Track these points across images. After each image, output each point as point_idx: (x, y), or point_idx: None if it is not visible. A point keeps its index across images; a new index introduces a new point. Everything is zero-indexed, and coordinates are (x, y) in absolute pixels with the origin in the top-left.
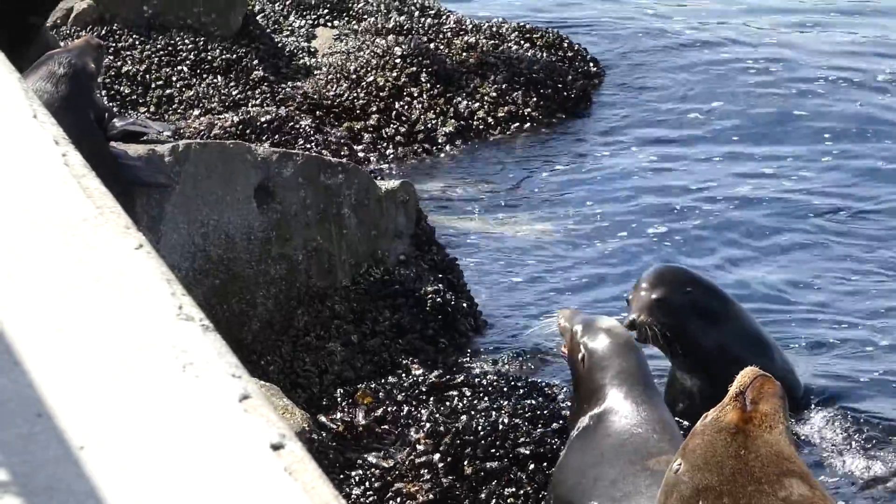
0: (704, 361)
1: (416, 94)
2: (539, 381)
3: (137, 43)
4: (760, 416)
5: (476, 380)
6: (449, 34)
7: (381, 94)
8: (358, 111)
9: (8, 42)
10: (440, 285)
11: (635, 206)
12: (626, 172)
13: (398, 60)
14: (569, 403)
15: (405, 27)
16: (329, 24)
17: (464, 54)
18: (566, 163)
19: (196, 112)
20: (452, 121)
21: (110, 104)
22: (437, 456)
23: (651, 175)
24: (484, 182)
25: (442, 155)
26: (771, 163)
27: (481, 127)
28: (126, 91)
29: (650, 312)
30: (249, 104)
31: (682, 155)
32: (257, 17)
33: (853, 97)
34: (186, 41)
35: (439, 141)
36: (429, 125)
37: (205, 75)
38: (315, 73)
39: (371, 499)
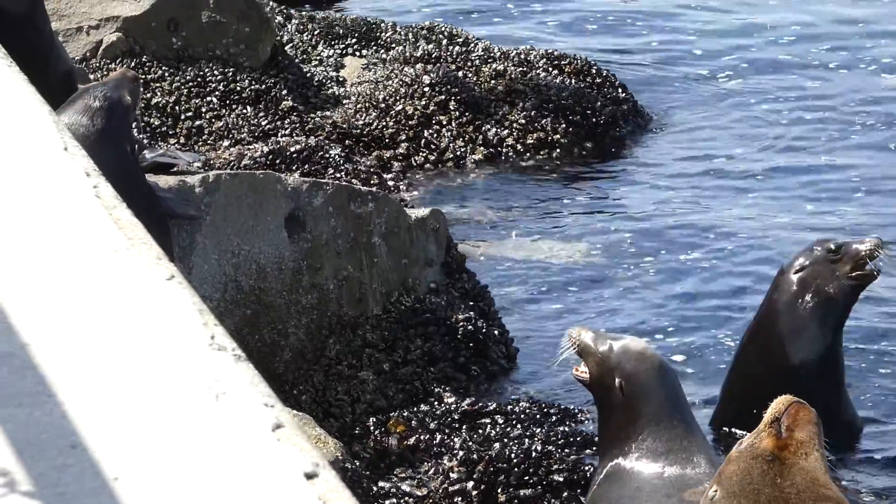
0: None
1: (444, 122)
2: (572, 407)
3: (167, 74)
4: (796, 443)
5: (508, 407)
6: (477, 62)
7: (409, 122)
8: (387, 140)
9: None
10: (471, 313)
11: (665, 233)
12: (655, 199)
13: (427, 89)
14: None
15: (433, 55)
16: (357, 53)
17: (492, 82)
18: (595, 189)
19: (226, 143)
20: (481, 148)
21: (140, 136)
22: (470, 484)
23: (681, 202)
24: (513, 208)
25: (471, 176)
26: (807, 190)
27: (510, 154)
28: (156, 123)
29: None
30: (279, 134)
31: (714, 181)
32: (286, 48)
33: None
34: (216, 72)
35: (468, 168)
36: (458, 153)
37: (234, 106)
38: (344, 102)
39: None
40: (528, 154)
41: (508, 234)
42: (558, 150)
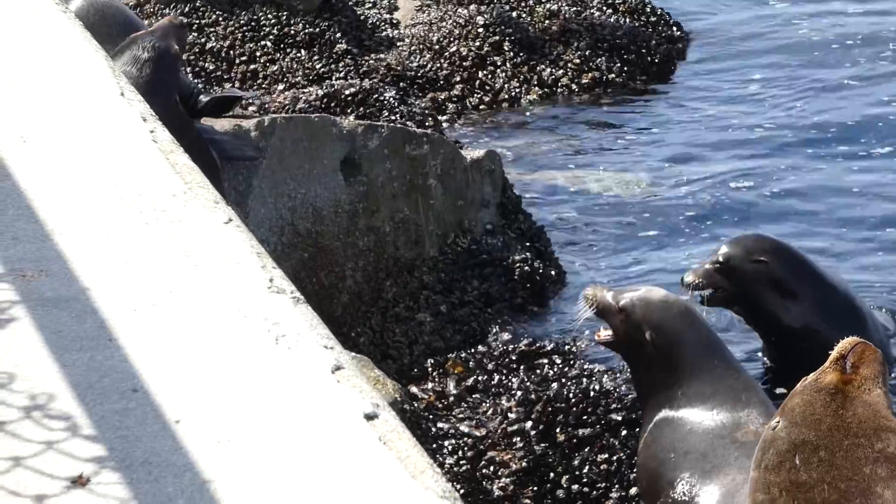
0: (786, 338)
1: (499, 63)
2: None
3: (221, 19)
4: (860, 378)
5: (566, 347)
6: (531, 2)
7: (464, 63)
8: (441, 82)
9: None
10: (528, 254)
11: (717, 168)
12: (708, 134)
13: (481, 30)
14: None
15: None
16: None
17: (546, 22)
18: (649, 124)
19: (280, 87)
20: (536, 89)
21: (195, 81)
22: (528, 424)
23: (734, 139)
24: (567, 140)
25: (526, 114)
26: (857, 134)
27: (565, 94)
28: (210, 67)
29: (706, 275)
30: (333, 77)
31: (768, 120)
32: None
33: None
34: (269, 16)
35: (523, 106)
36: (513, 94)
37: (288, 50)
38: (398, 44)
39: (464, 467)
40: (583, 94)
41: (561, 164)
42: (612, 88)
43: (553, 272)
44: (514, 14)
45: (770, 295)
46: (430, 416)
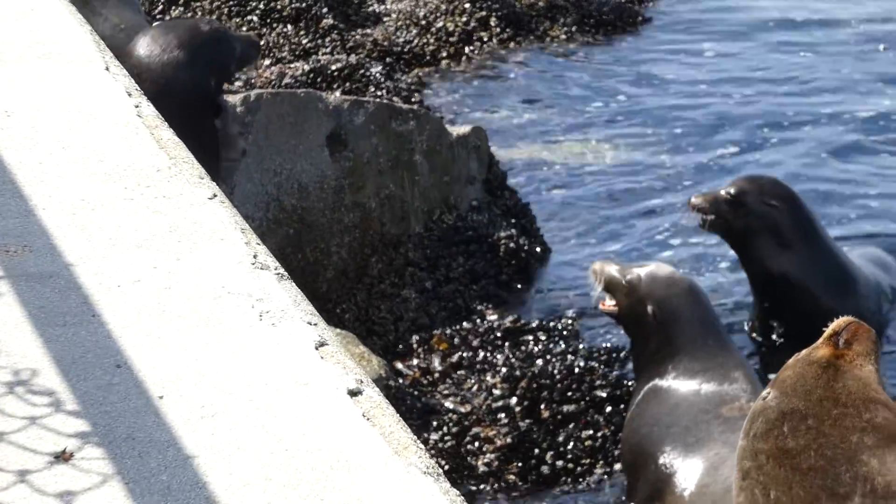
0: (769, 283)
1: (485, 39)
2: (614, 322)
3: None
4: (852, 354)
5: (551, 324)
6: None
7: (450, 39)
8: (428, 57)
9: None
10: (513, 230)
11: (700, 135)
12: (690, 103)
13: (467, 5)
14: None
15: None
16: None
17: None
18: (630, 94)
19: (266, 62)
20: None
21: None
22: (513, 400)
23: (715, 104)
24: (548, 108)
25: (511, 74)
26: (842, 89)
27: (551, 66)
28: None
29: (714, 202)
30: (320, 52)
31: (748, 86)
32: None
33: None
34: None
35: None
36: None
37: (275, 25)
38: (384, 19)
39: (449, 443)
40: (567, 65)
41: (544, 132)
42: (593, 61)
43: (538, 248)
44: None
45: (767, 238)
46: (415, 393)
